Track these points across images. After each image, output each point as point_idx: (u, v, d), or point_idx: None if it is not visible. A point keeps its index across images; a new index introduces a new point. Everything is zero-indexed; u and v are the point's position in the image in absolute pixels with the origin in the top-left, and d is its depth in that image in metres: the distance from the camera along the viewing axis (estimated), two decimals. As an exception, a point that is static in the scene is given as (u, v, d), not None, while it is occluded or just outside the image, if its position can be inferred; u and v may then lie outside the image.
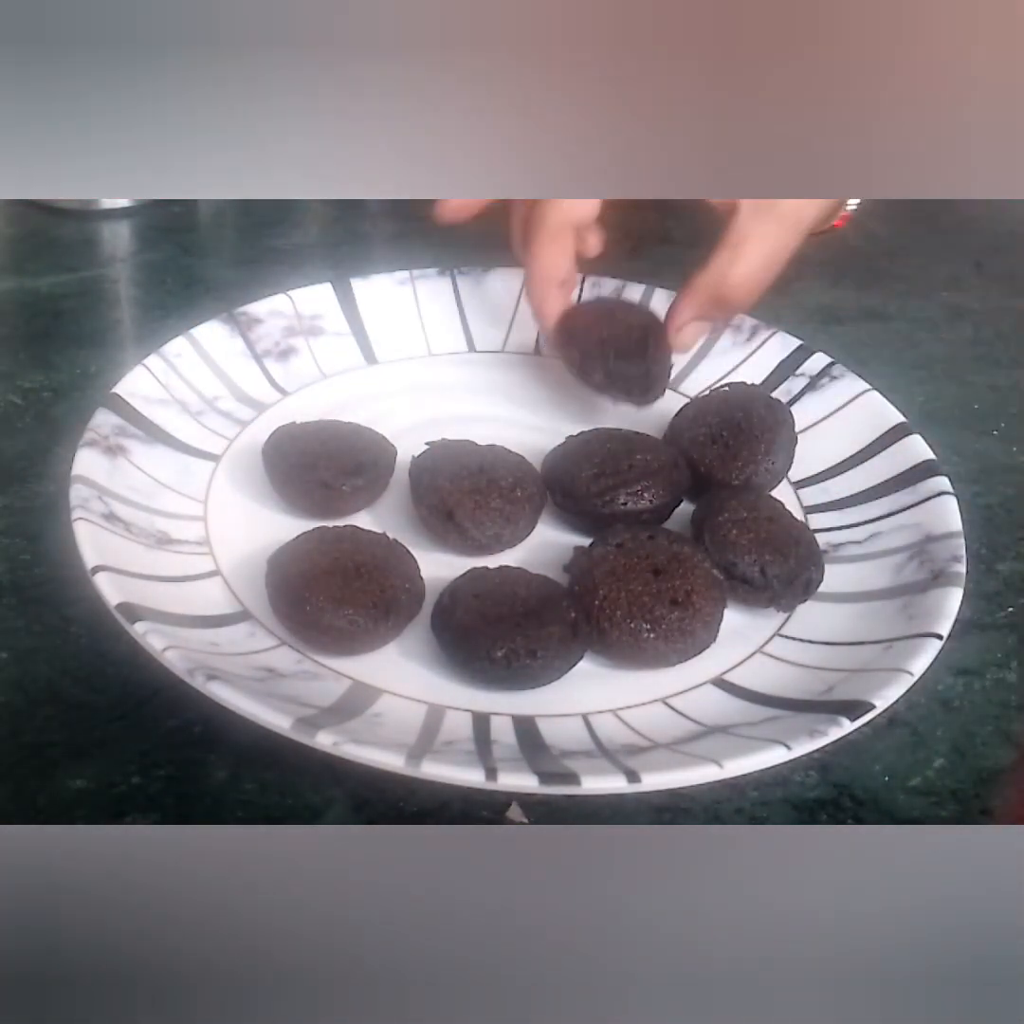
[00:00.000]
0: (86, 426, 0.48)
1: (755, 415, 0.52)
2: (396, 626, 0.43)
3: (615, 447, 0.50)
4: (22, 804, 0.39)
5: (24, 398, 0.57)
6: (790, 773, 0.42)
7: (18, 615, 0.45)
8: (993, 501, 0.56)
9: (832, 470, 0.54)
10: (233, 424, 0.54)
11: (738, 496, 0.49)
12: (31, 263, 0.69)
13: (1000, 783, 0.43)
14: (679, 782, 0.37)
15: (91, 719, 0.42)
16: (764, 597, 0.46)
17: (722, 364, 0.59)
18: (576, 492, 0.49)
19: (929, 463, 0.51)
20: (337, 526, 0.46)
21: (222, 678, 0.38)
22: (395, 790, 0.40)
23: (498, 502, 0.47)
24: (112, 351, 0.61)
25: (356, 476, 0.49)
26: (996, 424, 0.62)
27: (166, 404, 0.52)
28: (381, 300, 0.60)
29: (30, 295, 0.66)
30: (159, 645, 0.39)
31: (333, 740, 0.37)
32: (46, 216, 0.73)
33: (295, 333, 0.58)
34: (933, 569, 0.46)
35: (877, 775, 0.42)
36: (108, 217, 0.74)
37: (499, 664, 0.41)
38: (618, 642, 0.43)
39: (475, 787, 0.37)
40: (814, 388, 0.57)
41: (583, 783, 0.36)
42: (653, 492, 0.49)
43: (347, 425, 0.52)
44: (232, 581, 0.46)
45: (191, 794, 0.40)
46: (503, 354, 0.61)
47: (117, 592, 0.41)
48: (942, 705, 0.45)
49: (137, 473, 0.48)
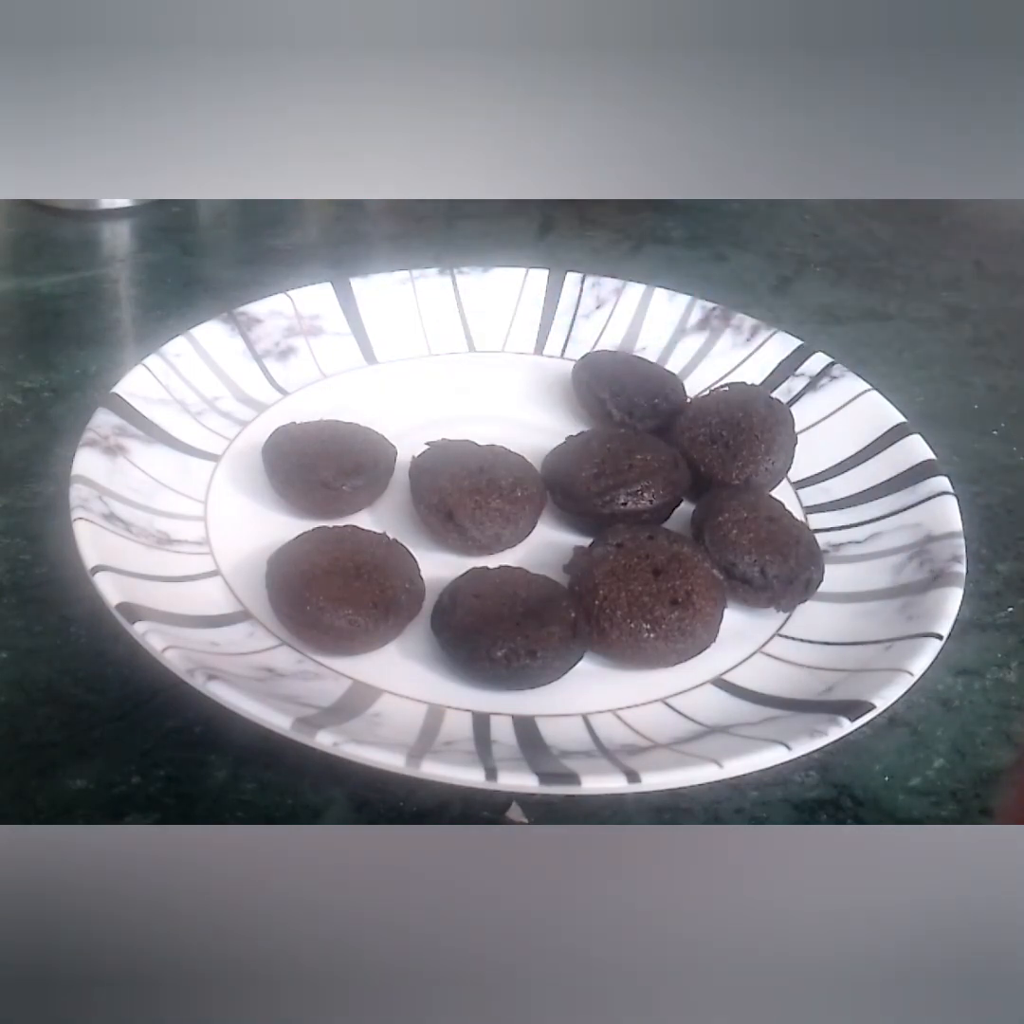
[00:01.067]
0: (86, 426, 0.48)
1: (755, 415, 0.52)
2: (396, 626, 0.43)
3: (615, 447, 0.50)
4: (22, 804, 0.39)
5: (24, 398, 0.57)
6: (790, 773, 0.42)
7: (18, 615, 0.45)
8: (993, 501, 0.56)
9: (832, 470, 0.54)
10: (233, 424, 0.54)
11: (738, 496, 0.49)
12: (31, 263, 0.69)
13: (1000, 783, 0.43)
14: (679, 782, 0.37)
15: (91, 719, 0.42)
16: (764, 597, 0.46)
17: (722, 364, 0.59)
18: (576, 492, 0.49)
19: (929, 463, 0.51)
20: (337, 526, 0.46)
21: (222, 678, 0.38)
22: (395, 790, 0.40)
23: (498, 502, 0.47)
24: (112, 351, 0.61)
25: (356, 476, 0.49)
26: (996, 424, 0.62)
27: (166, 404, 0.52)
28: (381, 300, 0.60)
29: (30, 295, 0.66)
30: (159, 645, 0.39)
31: (333, 740, 0.36)
32: (46, 216, 0.73)
33: (295, 333, 0.58)
34: (933, 569, 0.46)
35: (877, 775, 0.42)
36: (108, 217, 0.74)
37: (499, 664, 0.41)
38: (618, 642, 0.43)
39: (475, 787, 0.37)
40: (814, 388, 0.57)
41: (583, 783, 0.36)
42: (653, 492, 0.49)
43: (347, 425, 0.52)
44: (232, 581, 0.46)
45: (191, 794, 0.40)
46: (503, 354, 0.61)
47: (117, 592, 0.41)
48: (942, 705, 0.45)
49: (137, 473, 0.48)
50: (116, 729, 0.41)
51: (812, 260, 0.77)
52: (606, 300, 0.62)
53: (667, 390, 0.56)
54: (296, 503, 0.49)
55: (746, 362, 0.59)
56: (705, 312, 0.61)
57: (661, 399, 0.55)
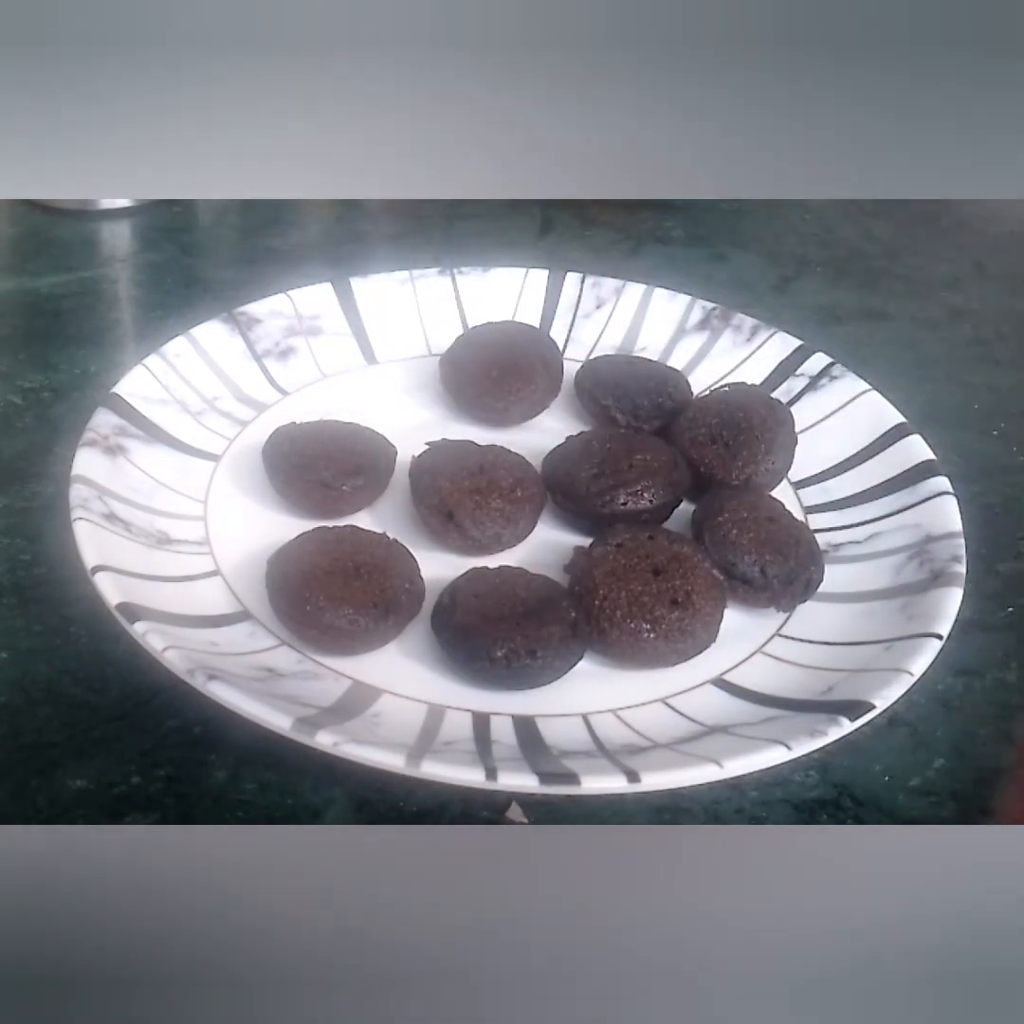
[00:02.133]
0: (86, 426, 0.48)
1: (755, 415, 0.52)
2: (396, 626, 0.43)
3: (615, 447, 0.50)
4: (22, 804, 0.39)
5: (24, 398, 0.57)
6: (790, 773, 0.42)
7: (18, 615, 0.45)
8: (993, 501, 0.56)
9: (832, 470, 0.54)
10: (233, 424, 0.54)
11: (738, 496, 0.49)
12: (31, 263, 0.69)
13: (1000, 783, 0.43)
14: (679, 782, 0.37)
15: (91, 719, 0.42)
16: (764, 597, 0.46)
17: (722, 364, 0.59)
18: (576, 492, 0.49)
19: (929, 463, 0.51)
20: (337, 526, 0.46)
21: (222, 678, 0.38)
22: (395, 790, 0.40)
23: (498, 502, 0.47)
24: (112, 351, 0.61)
25: (356, 476, 0.49)
26: (996, 424, 0.62)
27: (166, 404, 0.52)
28: (381, 300, 0.60)
29: (30, 295, 0.66)
30: (159, 645, 0.39)
31: (333, 740, 0.36)
32: (46, 216, 0.73)
33: (295, 333, 0.58)
34: (933, 569, 0.46)
35: (877, 775, 0.42)
36: (108, 217, 0.74)
37: (499, 664, 0.41)
38: (618, 642, 0.43)
39: (475, 787, 0.37)
40: (814, 388, 0.57)
41: (583, 783, 0.36)
42: (653, 492, 0.49)
43: (347, 425, 0.52)
44: (232, 581, 0.46)
45: (191, 794, 0.40)
46: (503, 354, 0.61)
47: (117, 592, 0.41)
48: (942, 705, 0.45)
49: (137, 473, 0.48)
50: (116, 729, 0.41)
51: (812, 260, 0.77)
52: (606, 300, 0.62)
53: (670, 387, 0.56)
54: (296, 503, 0.49)
55: (746, 362, 0.59)
56: (705, 312, 0.61)
57: (665, 397, 0.55)
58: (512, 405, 0.55)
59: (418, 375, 0.59)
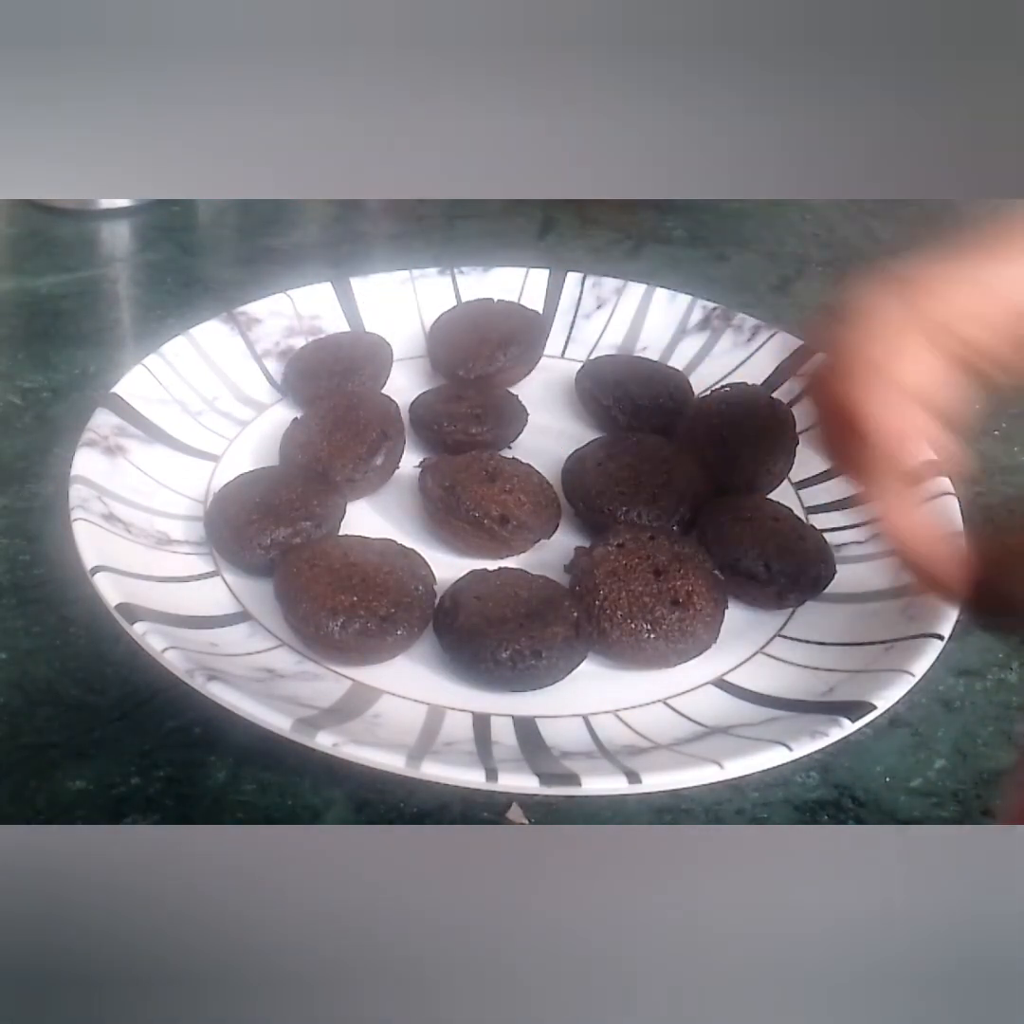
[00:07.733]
0: (86, 426, 0.48)
1: (756, 416, 0.52)
2: (409, 637, 0.43)
3: (640, 465, 0.50)
4: (22, 804, 0.39)
5: (24, 398, 0.57)
6: (791, 774, 0.42)
7: (18, 615, 0.45)
8: (993, 501, 0.56)
9: (833, 471, 0.54)
10: (233, 424, 0.54)
11: (739, 497, 0.49)
12: (31, 263, 0.69)
13: (1001, 784, 0.43)
14: (680, 783, 0.37)
15: (91, 719, 0.42)
16: (771, 592, 0.46)
17: (723, 364, 0.59)
18: (599, 509, 0.49)
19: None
20: (347, 535, 0.46)
21: (222, 679, 0.38)
22: (395, 791, 0.40)
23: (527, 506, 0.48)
24: (112, 351, 0.61)
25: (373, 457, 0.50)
26: (996, 424, 0.62)
27: (166, 404, 0.52)
28: (381, 300, 0.60)
29: (30, 295, 0.66)
30: (159, 645, 0.39)
31: (333, 741, 0.36)
32: (46, 216, 0.73)
33: (295, 333, 0.58)
34: (934, 569, 0.46)
35: (878, 776, 0.42)
36: (108, 217, 0.74)
37: (504, 665, 0.41)
38: (619, 642, 0.43)
39: (475, 788, 0.37)
40: (815, 388, 0.57)
41: (583, 784, 0.36)
42: (682, 514, 0.49)
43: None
44: (232, 581, 0.46)
45: (191, 795, 0.40)
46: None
47: (116, 592, 0.41)
48: (943, 706, 0.45)
49: (137, 473, 0.48)
50: (116, 729, 0.41)
51: (813, 260, 0.77)
52: (607, 300, 0.62)
53: (671, 388, 0.56)
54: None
55: (747, 362, 0.59)
56: (706, 312, 0.61)
57: (665, 398, 0.55)
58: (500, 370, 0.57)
59: (418, 375, 0.59)
